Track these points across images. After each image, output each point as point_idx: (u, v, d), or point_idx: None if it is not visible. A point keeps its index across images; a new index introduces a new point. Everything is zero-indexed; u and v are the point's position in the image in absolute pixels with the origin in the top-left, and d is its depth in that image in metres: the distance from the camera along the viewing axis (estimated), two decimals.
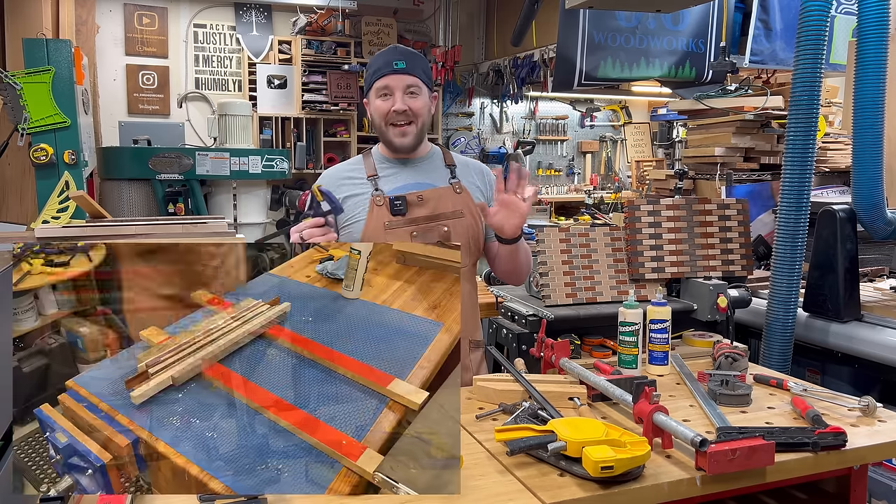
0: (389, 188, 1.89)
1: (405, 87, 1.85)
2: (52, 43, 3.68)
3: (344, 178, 1.93)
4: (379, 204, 1.85)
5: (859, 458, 1.50)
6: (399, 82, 1.84)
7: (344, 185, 1.91)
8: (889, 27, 2.35)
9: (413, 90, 1.86)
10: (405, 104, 1.84)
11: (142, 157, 4.49)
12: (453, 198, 1.91)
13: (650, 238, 2.55)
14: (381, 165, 1.94)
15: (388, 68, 1.85)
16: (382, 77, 1.86)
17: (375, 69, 1.89)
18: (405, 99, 1.84)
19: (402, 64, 1.84)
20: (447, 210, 1.89)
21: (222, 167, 4.65)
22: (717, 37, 4.21)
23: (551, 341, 1.91)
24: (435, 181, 1.92)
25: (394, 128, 1.86)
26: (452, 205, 1.90)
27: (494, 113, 6.78)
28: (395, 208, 1.85)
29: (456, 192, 1.92)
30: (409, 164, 1.94)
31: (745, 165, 3.62)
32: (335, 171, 1.98)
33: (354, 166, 1.96)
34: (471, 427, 1.56)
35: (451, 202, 1.90)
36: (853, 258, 2.54)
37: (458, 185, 1.93)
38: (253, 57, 5.68)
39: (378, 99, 1.88)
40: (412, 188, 1.89)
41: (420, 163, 1.96)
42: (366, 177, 1.91)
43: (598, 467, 1.23)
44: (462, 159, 2.02)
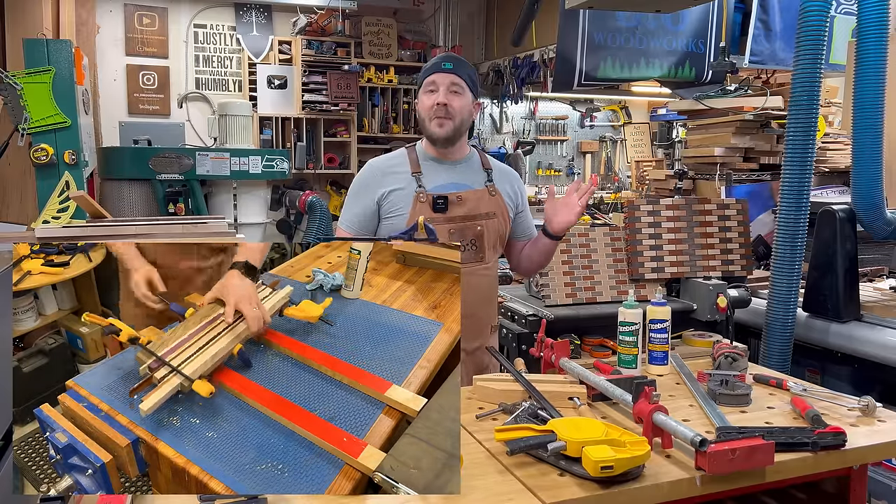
0: (431, 185, 2.01)
1: (449, 83, 1.99)
2: (52, 43, 3.68)
3: (389, 171, 2.03)
4: (422, 200, 1.97)
5: (859, 458, 1.50)
6: (444, 80, 1.99)
7: (388, 177, 2.02)
8: (889, 27, 2.35)
9: (456, 89, 2.00)
10: (446, 99, 1.98)
11: (142, 157, 4.49)
12: (488, 200, 2.05)
13: (650, 238, 2.55)
14: (424, 163, 2.05)
15: (437, 68, 2.01)
16: (431, 75, 2.01)
17: (426, 69, 2.05)
18: (448, 95, 1.98)
19: (449, 65, 2.00)
20: (482, 211, 2.03)
21: (222, 167, 4.65)
22: (716, 37, 4.20)
23: (551, 341, 1.91)
24: (472, 183, 2.06)
25: (434, 120, 1.99)
26: (486, 206, 2.04)
27: (494, 113, 6.78)
28: (437, 206, 1.98)
29: (490, 195, 2.05)
30: (451, 165, 2.06)
31: (745, 165, 3.62)
32: (380, 163, 2.08)
33: (398, 160, 2.07)
34: (471, 427, 1.55)
35: (485, 204, 2.04)
36: (853, 258, 2.54)
37: (493, 188, 2.07)
38: (253, 57, 5.68)
39: (424, 95, 2.02)
40: (452, 188, 2.02)
41: (460, 164, 2.08)
42: (410, 172, 2.02)
43: (597, 467, 1.23)
44: (498, 164, 2.14)
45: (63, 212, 2.97)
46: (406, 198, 1.98)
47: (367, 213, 2.00)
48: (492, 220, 2.04)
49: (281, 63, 5.69)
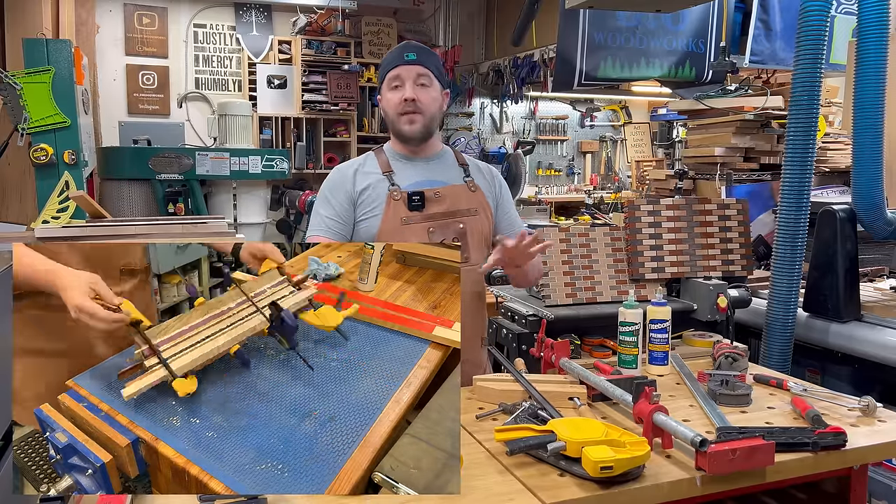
0: (405, 183, 1.89)
1: (416, 76, 1.86)
2: (52, 43, 3.67)
3: (359, 171, 1.92)
4: (396, 199, 1.85)
5: (859, 458, 1.50)
6: (409, 72, 1.86)
7: (359, 176, 1.90)
8: (889, 27, 2.34)
9: (423, 81, 1.87)
10: (414, 93, 1.85)
11: (142, 157, 4.49)
12: (468, 195, 1.93)
13: (650, 238, 2.55)
14: (395, 162, 1.93)
15: (400, 60, 1.88)
16: (394, 68, 1.88)
17: (387, 62, 1.91)
18: (415, 89, 1.86)
19: (412, 55, 1.87)
20: (462, 207, 1.91)
21: (222, 167, 4.64)
22: (717, 37, 4.20)
23: (551, 341, 1.91)
24: (449, 179, 1.94)
25: (404, 116, 1.87)
26: (467, 202, 1.92)
27: (494, 113, 6.78)
28: (412, 203, 1.85)
29: (471, 191, 1.94)
30: (423, 162, 1.95)
31: (745, 165, 3.62)
32: (348, 166, 1.95)
33: (367, 161, 1.95)
34: (471, 427, 1.55)
35: (466, 200, 1.92)
36: (853, 258, 2.54)
37: (473, 183, 1.95)
38: (253, 57, 5.68)
39: (389, 91, 1.89)
40: (427, 185, 1.90)
41: (433, 160, 1.97)
42: (381, 172, 1.90)
43: (597, 467, 1.23)
44: (473, 161, 2.04)
45: (63, 212, 2.97)
46: (379, 197, 1.86)
47: (341, 214, 1.88)
48: (474, 217, 1.91)
49: (281, 63, 5.69)
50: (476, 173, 1.99)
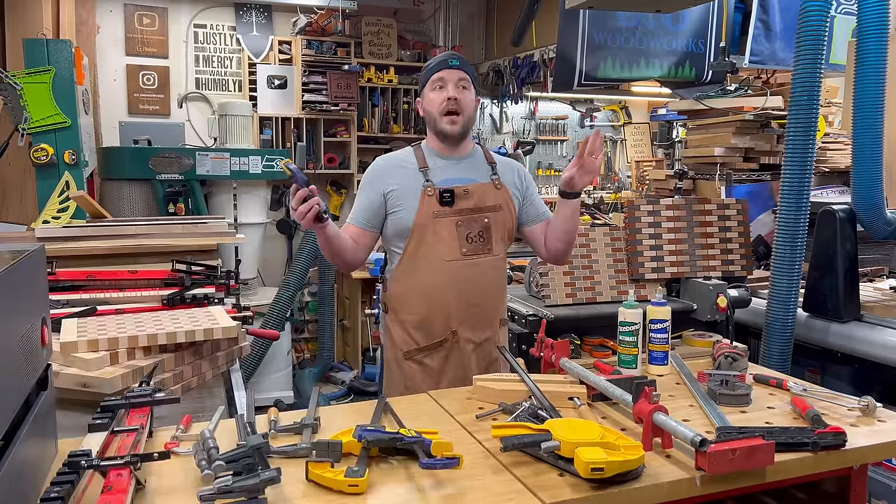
0: (438, 180, 2.07)
1: (457, 79, 2.06)
2: (52, 43, 3.67)
3: (398, 165, 2.10)
4: (429, 194, 2.04)
5: (859, 457, 1.50)
6: (452, 76, 2.06)
7: (398, 170, 2.09)
8: (889, 27, 2.35)
9: (464, 84, 2.07)
10: (457, 93, 2.05)
11: (142, 157, 4.48)
12: (494, 193, 2.10)
13: (650, 238, 2.55)
14: (430, 159, 2.11)
15: (444, 65, 2.07)
16: (438, 71, 2.07)
17: (431, 67, 2.11)
18: (457, 90, 2.05)
19: (456, 62, 2.08)
20: (488, 204, 2.09)
21: (222, 167, 4.64)
22: (716, 37, 4.20)
23: (551, 341, 1.91)
24: (478, 177, 2.11)
25: (446, 116, 2.05)
26: (493, 199, 2.10)
27: (494, 113, 6.78)
28: (443, 199, 2.04)
29: (496, 188, 2.11)
30: (456, 160, 2.12)
31: (745, 165, 3.63)
32: (390, 157, 2.16)
33: (406, 155, 2.14)
34: (471, 427, 1.55)
35: (491, 197, 2.10)
36: (853, 258, 2.54)
37: (499, 181, 2.13)
38: (253, 57, 5.68)
39: (432, 92, 2.08)
40: (458, 182, 2.08)
41: (466, 160, 2.14)
42: (417, 167, 2.08)
43: (588, 468, 1.23)
44: (501, 159, 2.21)
45: (63, 212, 2.98)
46: (413, 192, 2.04)
47: (372, 206, 2.06)
48: (498, 213, 2.09)
49: (281, 63, 5.69)
50: (503, 171, 2.16)
